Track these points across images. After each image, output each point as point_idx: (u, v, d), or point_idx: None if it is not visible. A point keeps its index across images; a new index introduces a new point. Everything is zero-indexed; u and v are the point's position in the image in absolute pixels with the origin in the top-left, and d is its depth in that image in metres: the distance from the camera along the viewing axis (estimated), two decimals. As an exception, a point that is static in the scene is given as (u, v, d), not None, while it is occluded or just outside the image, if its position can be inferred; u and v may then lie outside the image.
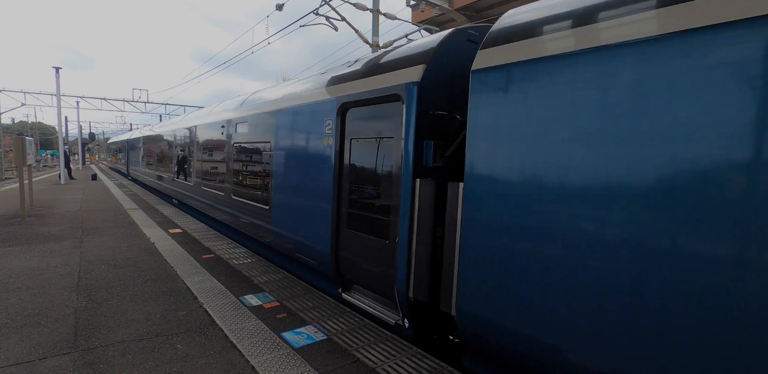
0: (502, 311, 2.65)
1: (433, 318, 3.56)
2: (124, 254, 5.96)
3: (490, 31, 2.89)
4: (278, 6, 11.04)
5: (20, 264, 5.30)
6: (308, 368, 2.90)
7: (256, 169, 6.28)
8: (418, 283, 3.36)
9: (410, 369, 2.92)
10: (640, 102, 2.03)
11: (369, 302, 4.19)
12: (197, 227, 8.27)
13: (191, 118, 10.49)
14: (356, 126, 4.15)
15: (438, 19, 15.13)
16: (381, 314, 3.91)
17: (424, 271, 3.30)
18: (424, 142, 3.38)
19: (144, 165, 17.17)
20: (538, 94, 2.46)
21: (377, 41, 11.01)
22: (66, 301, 4.08)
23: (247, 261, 5.71)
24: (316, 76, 5.41)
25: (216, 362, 2.97)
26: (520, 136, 2.55)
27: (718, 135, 1.79)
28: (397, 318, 3.72)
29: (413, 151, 3.33)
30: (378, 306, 4.06)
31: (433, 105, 3.41)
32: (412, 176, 3.35)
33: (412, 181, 3.35)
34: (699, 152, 1.84)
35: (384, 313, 3.89)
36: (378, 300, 4.11)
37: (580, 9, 2.36)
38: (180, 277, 4.92)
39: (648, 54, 2.01)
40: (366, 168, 4.05)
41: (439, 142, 3.40)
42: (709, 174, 1.81)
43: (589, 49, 2.23)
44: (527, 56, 2.52)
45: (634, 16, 2.10)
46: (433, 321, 3.60)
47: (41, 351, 3.08)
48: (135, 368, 2.87)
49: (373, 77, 3.92)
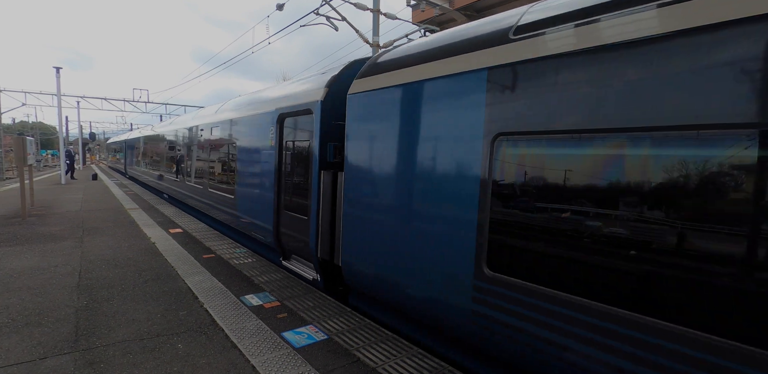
0: (362, 259, 3.98)
1: (334, 272, 4.78)
2: (124, 254, 5.97)
3: (360, 68, 4.25)
4: (279, 6, 11.05)
5: (21, 264, 5.30)
6: (309, 368, 2.90)
7: (225, 166, 7.67)
8: (323, 246, 4.62)
9: (411, 368, 2.92)
10: (414, 119, 3.36)
11: (299, 265, 5.45)
12: (198, 227, 8.28)
13: (178, 122, 11.90)
14: (288, 132, 5.43)
15: (438, 18, 15.13)
16: (305, 273, 5.14)
17: (327, 237, 4.57)
18: (327, 144, 4.62)
19: (138, 163, 19.37)
20: (373, 112, 3.81)
21: (377, 41, 11.02)
22: (67, 301, 4.09)
23: (248, 261, 5.71)
24: (267, 89, 6.84)
25: (217, 362, 2.97)
26: (367, 140, 3.86)
27: (430, 141, 3.21)
28: (314, 275, 4.97)
29: (319, 150, 4.60)
30: (304, 267, 5.31)
31: (334, 117, 4.61)
32: (318, 168, 4.60)
33: (318, 172, 4.60)
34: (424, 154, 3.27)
35: (307, 272, 5.13)
36: (304, 264, 5.38)
37: (388, 61, 3.82)
38: (180, 277, 4.93)
39: (409, 92, 3.42)
40: (294, 163, 5.32)
41: (338, 144, 4.59)
42: (423, 167, 3.24)
43: (390, 87, 3.62)
44: (370, 88, 3.89)
45: (396, 72, 3.58)
46: (334, 275, 4.82)
47: (42, 350, 3.08)
48: (136, 368, 2.87)
49: (298, 94, 5.20)
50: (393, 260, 3.56)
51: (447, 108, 3.07)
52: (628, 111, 2.12)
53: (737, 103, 1.76)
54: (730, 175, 1.84)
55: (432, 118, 3.20)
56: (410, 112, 3.40)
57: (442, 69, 3.14)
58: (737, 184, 1.83)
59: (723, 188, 1.86)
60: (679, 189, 1.96)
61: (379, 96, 3.74)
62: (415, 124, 3.35)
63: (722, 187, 1.86)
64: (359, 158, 3.96)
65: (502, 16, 3.02)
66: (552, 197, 2.46)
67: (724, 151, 1.83)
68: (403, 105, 3.47)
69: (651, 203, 2.07)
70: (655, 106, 2.01)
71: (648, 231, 2.09)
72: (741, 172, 1.80)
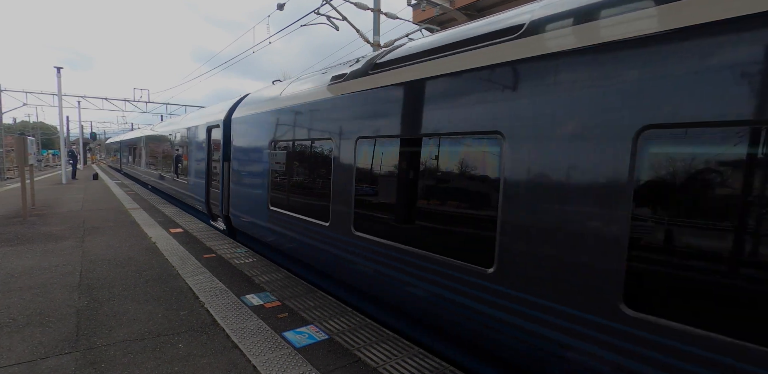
0: (238, 210, 7.04)
1: (230, 223, 7.72)
2: (125, 253, 5.97)
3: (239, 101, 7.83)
4: (279, 5, 11.04)
5: (22, 264, 5.30)
6: (310, 368, 2.90)
7: (184, 162, 10.75)
8: (224, 206, 7.68)
9: (412, 368, 2.92)
10: (249, 134, 6.73)
11: (219, 224, 8.37)
12: (198, 227, 8.28)
13: (159, 127, 15.92)
14: (214, 138, 8.33)
15: (439, 18, 15.11)
16: (219, 225, 8.34)
17: (226, 201, 7.59)
18: (229, 145, 7.57)
19: (128, 160, 24.32)
20: (236, 129, 7.28)
21: (378, 41, 11.01)
22: (68, 301, 4.09)
23: (248, 261, 5.71)
24: (202, 110, 10.75)
25: (217, 362, 2.97)
26: (232, 144, 7.36)
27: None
28: (224, 227, 7.99)
29: (224, 149, 7.65)
30: (220, 224, 8.23)
31: (230, 130, 7.56)
32: (223, 160, 7.67)
33: (223, 163, 7.67)
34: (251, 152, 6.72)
35: (221, 226, 8.13)
36: (219, 223, 8.34)
37: (254, 103, 6.81)
38: (181, 277, 4.93)
39: (248, 119, 6.84)
40: (215, 158, 8.26)
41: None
42: (256, 158, 6.42)
43: (243, 116, 7.00)
44: (237, 115, 7.28)
45: (264, 104, 6.42)
46: (231, 225, 7.74)
47: (43, 350, 3.08)
48: (137, 367, 2.87)
49: (215, 114, 8.43)
50: (247, 207, 6.69)
51: (258, 129, 6.34)
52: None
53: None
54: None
55: (250, 133, 6.65)
56: (246, 130, 6.80)
57: (258, 108, 6.49)
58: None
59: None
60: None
61: (238, 120, 7.22)
62: (249, 137, 6.63)
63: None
64: (234, 154, 7.25)
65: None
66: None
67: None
68: (243, 127, 6.98)
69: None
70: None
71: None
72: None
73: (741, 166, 1.70)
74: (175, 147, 11.80)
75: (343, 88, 4.29)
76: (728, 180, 1.74)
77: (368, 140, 3.87)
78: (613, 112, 2.07)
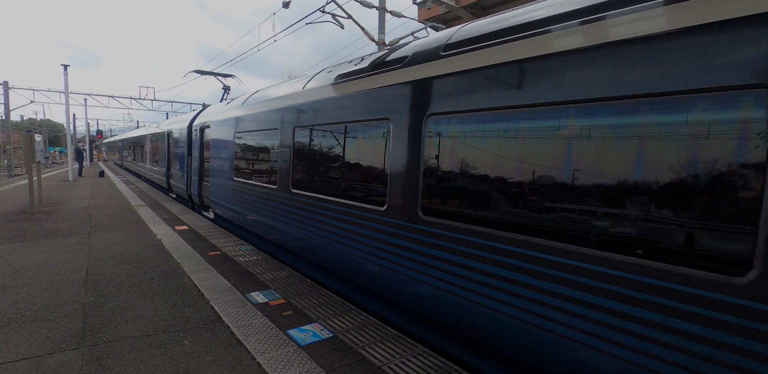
0: (213, 195, 8.86)
1: (205, 206, 10.05)
2: (131, 250, 6.01)
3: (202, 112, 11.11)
4: (285, 4, 11.04)
5: (29, 260, 5.35)
6: (314, 365, 2.90)
7: (162, 155, 14.17)
8: (201, 193, 10.10)
9: (416, 367, 2.92)
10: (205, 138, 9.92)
11: (197, 207, 10.88)
12: (203, 224, 8.32)
13: (153, 128, 18.56)
14: (195, 139, 10.54)
15: (444, 16, 15.05)
16: (197, 203, 10.62)
17: (204, 190, 9.81)
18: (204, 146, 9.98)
19: (126, 156, 28.53)
20: (196, 135, 10.50)
21: (383, 39, 10.98)
22: (74, 297, 4.12)
23: (254, 259, 5.73)
24: (180, 116, 14.10)
25: (222, 358, 2.98)
26: (191, 146, 11.03)
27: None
28: (199, 206, 10.45)
29: (200, 149, 10.09)
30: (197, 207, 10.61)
31: (204, 134, 9.89)
32: (199, 158, 10.15)
33: (200, 158, 10.12)
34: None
35: (198, 208, 10.65)
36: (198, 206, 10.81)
37: (208, 115, 10.03)
38: (186, 274, 4.95)
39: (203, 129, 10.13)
40: (192, 154, 10.61)
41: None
42: (216, 155, 8.98)
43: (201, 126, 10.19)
44: (197, 123, 10.62)
45: (200, 118, 10.64)
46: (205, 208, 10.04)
47: (50, 346, 3.11)
48: (143, 363, 2.89)
49: (199, 121, 10.29)
50: (218, 192, 8.40)
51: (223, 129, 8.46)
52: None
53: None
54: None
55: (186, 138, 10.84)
56: (203, 136, 9.81)
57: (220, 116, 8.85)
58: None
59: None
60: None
61: (198, 128, 10.15)
62: (206, 140, 9.53)
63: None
64: (206, 153, 9.69)
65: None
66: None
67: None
68: (196, 134, 10.12)
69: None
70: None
71: None
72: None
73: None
74: (153, 145, 16.84)
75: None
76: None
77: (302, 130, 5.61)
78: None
